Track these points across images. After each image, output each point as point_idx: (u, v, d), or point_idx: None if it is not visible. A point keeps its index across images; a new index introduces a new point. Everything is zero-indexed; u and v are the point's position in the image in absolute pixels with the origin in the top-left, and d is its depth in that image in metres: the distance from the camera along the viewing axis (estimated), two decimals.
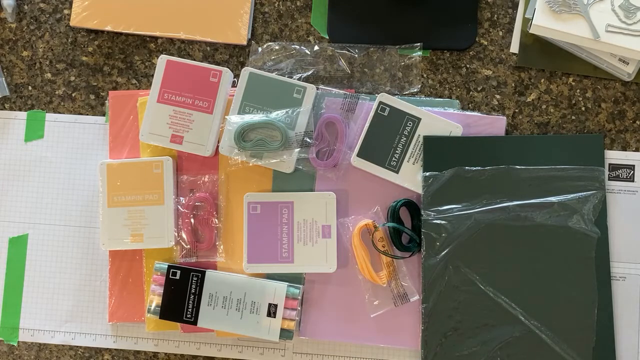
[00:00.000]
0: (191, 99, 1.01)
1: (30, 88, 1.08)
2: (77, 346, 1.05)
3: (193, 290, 1.00)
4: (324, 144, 1.01)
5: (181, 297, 1.00)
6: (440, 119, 1.00)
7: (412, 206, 1.00)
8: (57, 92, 1.07)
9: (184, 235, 1.01)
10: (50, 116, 1.07)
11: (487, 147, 0.99)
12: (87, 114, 1.07)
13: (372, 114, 1.00)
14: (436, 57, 1.04)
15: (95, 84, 1.07)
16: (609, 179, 1.00)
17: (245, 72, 1.01)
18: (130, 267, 1.03)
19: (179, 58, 1.02)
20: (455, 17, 1.04)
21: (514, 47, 1.03)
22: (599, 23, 0.97)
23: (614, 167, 1.00)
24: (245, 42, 1.05)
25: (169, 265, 1.00)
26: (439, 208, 0.98)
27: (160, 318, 1.00)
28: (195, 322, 0.99)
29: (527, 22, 1.00)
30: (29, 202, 1.06)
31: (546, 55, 1.02)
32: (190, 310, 0.99)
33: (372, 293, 1.00)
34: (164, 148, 1.02)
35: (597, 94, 1.02)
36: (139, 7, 1.06)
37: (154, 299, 1.00)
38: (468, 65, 1.04)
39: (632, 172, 1.00)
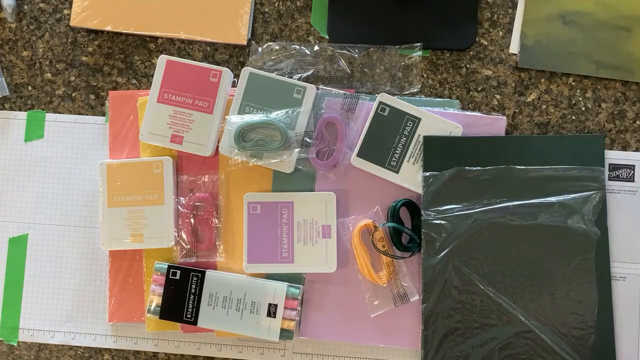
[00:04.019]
0: (191, 99, 1.01)
1: (30, 88, 1.08)
2: (77, 346, 1.05)
3: (193, 290, 1.00)
4: (324, 144, 1.01)
5: (181, 297, 1.00)
6: (440, 119, 1.00)
7: (412, 206, 1.00)
8: (57, 92, 1.07)
9: (184, 235, 1.01)
10: (50, 116, 1.07)
11: (487, 147, 0.99)
12: (87, 114, 1.07)
13: (372, 114, 1.00)
14: (436, 57, 1.04)
15: (95, 84, 1.07)
16: (609, 179, 1.00)
17: (245, 72, 1.01)
18: (130, 267, 1.03)
19: (179, 58, 1.02)
20: (455, 17, 1.04)
21: (514, 48, 1.03)
22: None
23: (614, 167, 1.00)
24: (245, 42, 1.05)
25: (169, 265, 1.00)
26: (439, 208, 0.98)
27: (160, 318, 1.00)
28: (195, 322, 0.99)
29: (527, 23, 1.00)
30: (29, 202, 1.06)
31: (547, 56, 1.02)
32: (190, 310, 0.99)
33: (372, 293, 1.00)
34: (164, 148, 1.02)
35: (597, 94, 1.02)
36: (139, 7, 1.06)
37: (154, 299, 1.00)
38: (468, 65, 1.04)
39: (632, 172, 1.00)
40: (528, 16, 1.02)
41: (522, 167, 0.98)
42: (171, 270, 1.00)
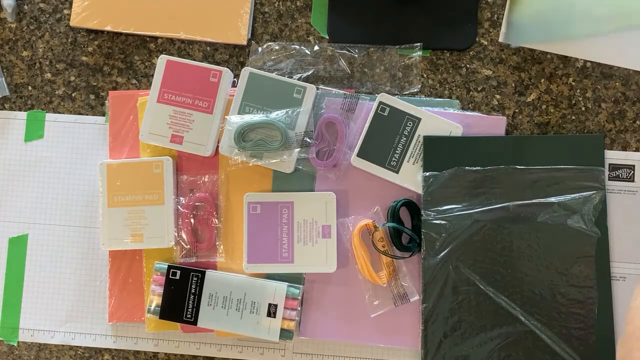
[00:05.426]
0: (191, 99, 1.02)
1: (30, 88, 1.08)
2: (77, 346, 1.05)
3: (193, 290, 1.00)
4: (324, 144, 1.01)
5: (181, 297, 1.00)
6: (440, 119, 1.00)
7: (412, 206, 1.00)
8: (57, 92, 1.07)
9: (184, 235, 1.01)
10: (50, 116, 1.07)
11: (487, 147, 0.99)
12: (87, 114, 1.07)
13: (372, 114, 1.00)
14: (436, 57, 1.04)
15: (95, 84, 1.07)
16: (609, 179, 1.00)
17: (245, 72, 1.01)
18: (130, 267, 1.03)
19: (179, 58, 1.02)
20: (455, 17, 1.04)
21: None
22: None
23: (614, 167, 1.00)
24: (245, 42, 1.05)
25: (169, 265, 1.00)
26: (439, 208, 0.98)
27: (160, 318, 1.00)
28: (195, 322, 0.99)
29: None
30: (29, 202, 1.06)
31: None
32: (190, 310, 0.99)
33: (372, 293, 1.00)
34: (164, 148, 1.02)
35: (597, 94, 1.02)
36: (139, 7, 1.06)
37: (154, 299, 1.00)
38: (468, 65, 1.04)
39: (632, 172, 1.00)
40: None
41: (522, 167, 0.98)
42: (171, 270, 1.00)
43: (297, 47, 1.04)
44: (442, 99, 1.03)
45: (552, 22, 1.01)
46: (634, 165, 1.00)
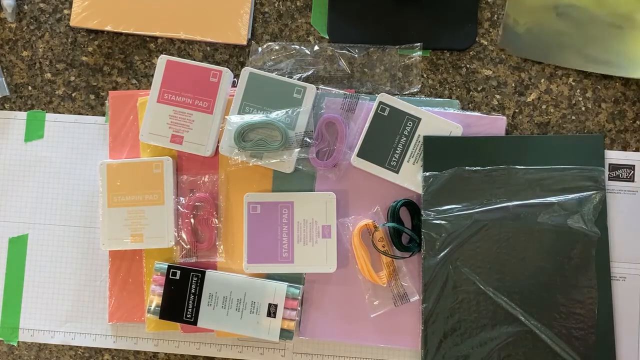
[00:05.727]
0: (191, 99, 1.02)
1: (30, 88, 1.08)
2: (77, 346, 1.05)
3: (193, 290, 1.00)
4: (324, 144, 1.01)
5: (181, 297, 1.00)
6: (440, 119, 1.00)
7: (412, 206, 1.00)
8: (57, 92, 1.07)
9: (184, 235, 1.01)
10: (50, 116, 1.07)
11: (487, 147, 0.99)
12: (87, 114, 1.07)
13: (372, 114, 1.00)
14: (436, 57, 1.04)
15: (95, 84, 1.07)
16: (609, 179, 1.00)
17: (245, 72, 1.01)
18: (130, 267, 1.03)
19: (179, 58, 1.02)
20: (455, 17, 1.04)
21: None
22: None
23: (614, 167, 1.00)
24: (245, 42, 1.05)
25: (169, 265, 1.00)
26: (439, 208, 0.98)
27: (160, 318, 1.00)
28: (195, 322, 0.99)
29: (519, 11, 1.00)
30: (29, 202, 1.06)
31: (537, 45, 1.01)
32: (190, 310, 0.99)
33: (372, 293, 1.00)
34: (164, 148, 1.02)
35: (597, 94, 1.02)
36: (139, 7, 1.06)
37: (154, 299, 1.00)
38: (468, 65, 1.04)
39: (632, 172, 1.00)
40: (521, 3, 1.02)
41: (522, 167, 0.98)
42: (171, 270, 1.00)
43: (297, 47, 1.04)
44: (442, 99, 1.03)
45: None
46: (634, 165, 1.00)
